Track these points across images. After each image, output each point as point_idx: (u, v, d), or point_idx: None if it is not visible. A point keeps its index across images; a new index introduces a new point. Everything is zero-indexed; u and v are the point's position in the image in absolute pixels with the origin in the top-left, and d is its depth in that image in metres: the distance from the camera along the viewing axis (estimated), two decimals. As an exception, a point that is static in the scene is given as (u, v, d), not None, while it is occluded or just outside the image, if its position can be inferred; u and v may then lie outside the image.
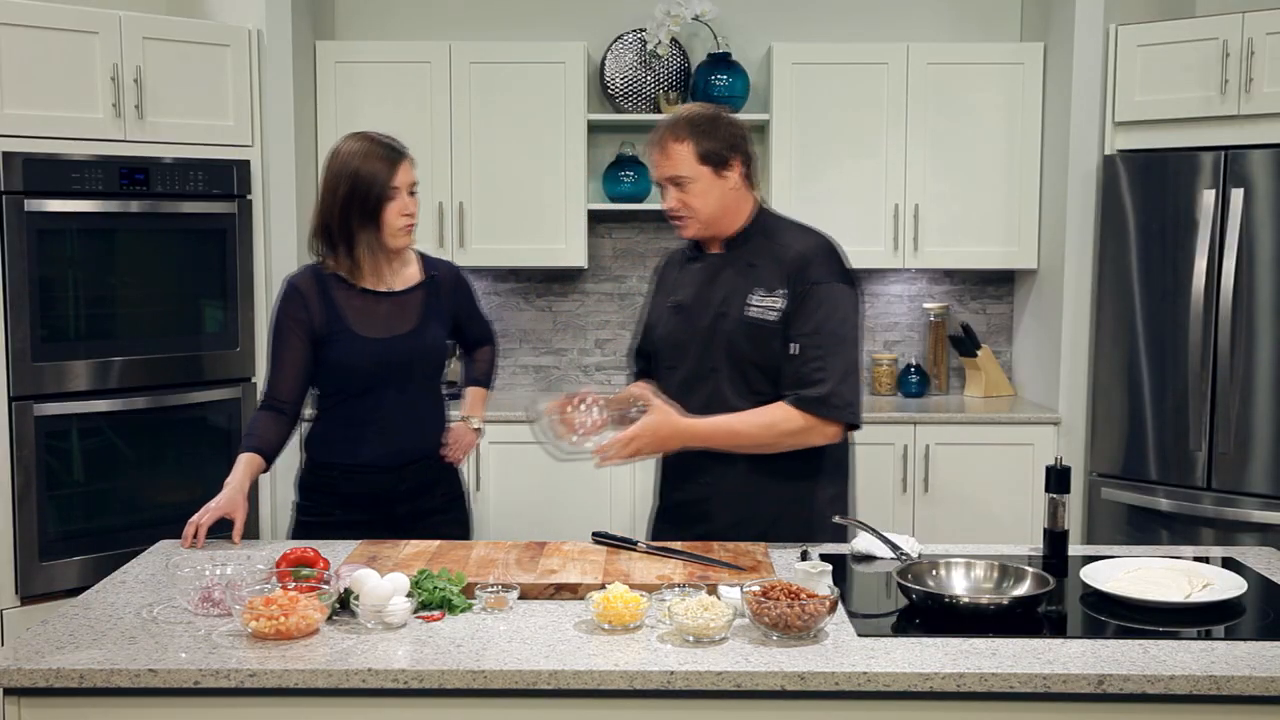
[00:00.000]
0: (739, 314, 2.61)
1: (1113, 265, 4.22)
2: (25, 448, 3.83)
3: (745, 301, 2.61)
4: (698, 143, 2.59)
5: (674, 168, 2.60)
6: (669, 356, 2.72)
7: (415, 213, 2.77)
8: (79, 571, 3.92)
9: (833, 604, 2.02)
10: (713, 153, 2.60)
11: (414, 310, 2.81)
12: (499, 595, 2.15)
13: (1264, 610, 2.23)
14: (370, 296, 2.77)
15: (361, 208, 2.69)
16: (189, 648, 1.96)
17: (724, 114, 2.66)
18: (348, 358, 2.74)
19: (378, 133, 2.79)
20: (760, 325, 2.59)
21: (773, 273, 2.62)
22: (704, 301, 2.67)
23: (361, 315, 2.76)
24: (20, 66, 3.78)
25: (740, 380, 2.61)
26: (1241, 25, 3.96)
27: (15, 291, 3.78)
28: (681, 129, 2.60)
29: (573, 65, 4.60)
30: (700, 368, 2.65)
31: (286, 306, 2.77)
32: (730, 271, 2.66)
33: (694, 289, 2.70)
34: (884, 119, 4.61)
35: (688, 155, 2.59)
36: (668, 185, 2.63)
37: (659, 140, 2.62)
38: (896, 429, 4.44)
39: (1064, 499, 2.44)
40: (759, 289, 2.61)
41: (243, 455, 2.71)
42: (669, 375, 2.70)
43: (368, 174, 2.69)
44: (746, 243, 2.68)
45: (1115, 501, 4.23)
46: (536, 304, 5.01)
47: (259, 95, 4.27)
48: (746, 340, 2.60)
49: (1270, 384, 3.91)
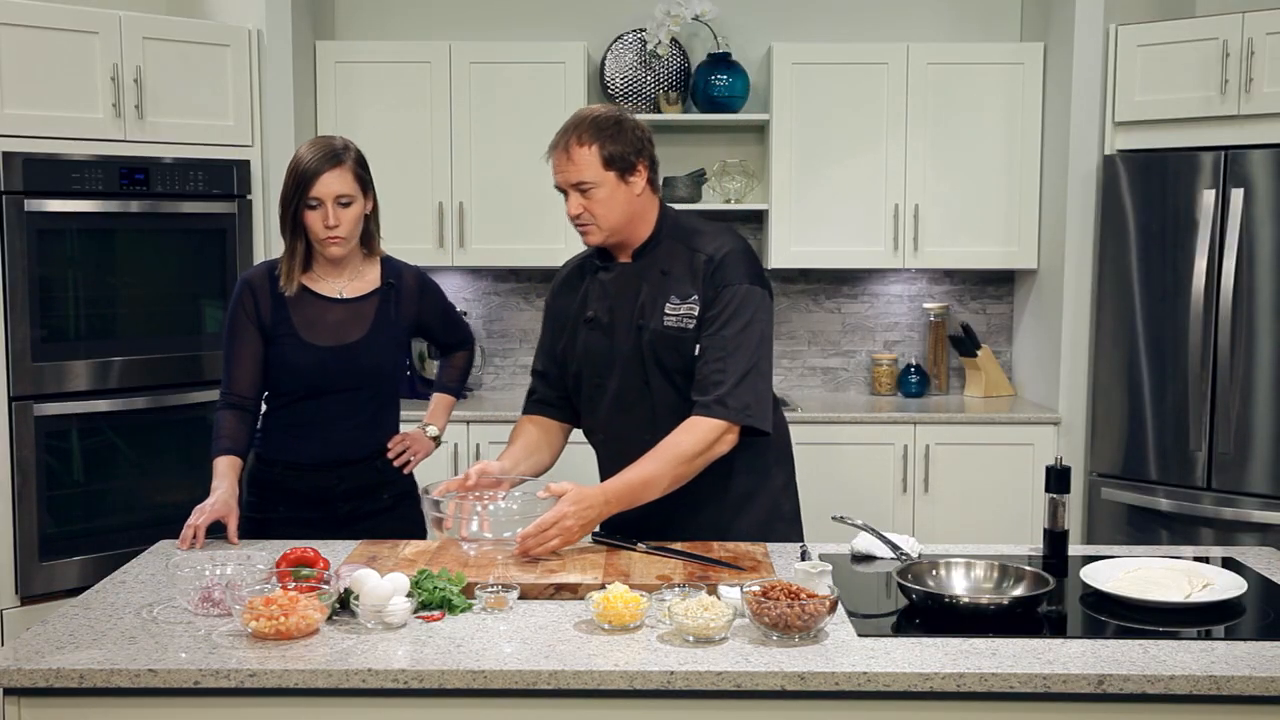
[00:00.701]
0: (658, 325, 2.54)
1: (1113, 265, 4.22)
2: (25, 448, 3.83)
3: (662, 311, 2.54)
4: (602, 146, 2.49)
5: (578, 173, 2.49)
6: (594, 374, 2.63)
7: (340, 225, 2.68)
8: (79, 571, 3.92)
9: (833, 604, 2.02)
10: (618, 156, 2.50)
11: (365, 318, 2.78)
12: (499, 595, 2.15)
13: (1264, 610, 2.23)
14: (322, 302, 2.76)
15: (287, 213, 2.71)
16: (189, 648, 1.96)
17: (628, 116, 2.56)
18: (291, 363, 2.74)
19: (329, 137, 2.75)
20: (679, 335, 2.53)
21: (685, 278, 2.55)
22: (621, 314, 2.58)
23: (309, 320, 2.75)
24: (20, 66, 3.78)
25: (673, 391, 2.55)
26: (1241, 25, 3.96)
27: (15, 291, 3.78)
28: (585, 132, 2.49)
29: (573, 65, 4.60)
30: (632, 382, 2.58)
31: (239, 304, 2.77)
32: (643, 280, 2.58)
33: (608, 301, 2.60)
34: (884, 119, 4.61)
35: (592, 160, 2.49)
36: (570, 191, 2.53)
37: (562, 144, 2.51)
38: (896, 429, 4.44)
39: (1064, 499, 2.44)
40: (673, 297, 2.54)
41: (222, 459, 2.72)
42: (597, 393, 2.63)
43: (291, 182, 2.68)
44: (656, 248, 2.60)
45: (1115, 501, 4.23)
46: (536, 304, 5.01)
47: (259, 95, 4.27)
48: (668, 351, 2.54)
49: (1270, 384, 3.91)
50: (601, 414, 2.65)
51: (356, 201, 2.72)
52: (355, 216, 2.73)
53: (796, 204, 4.62)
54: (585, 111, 2.57)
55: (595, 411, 2.66)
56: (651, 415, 2.57)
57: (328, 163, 2.67)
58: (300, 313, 2.75)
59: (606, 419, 2.65)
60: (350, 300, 2.78)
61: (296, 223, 2.71)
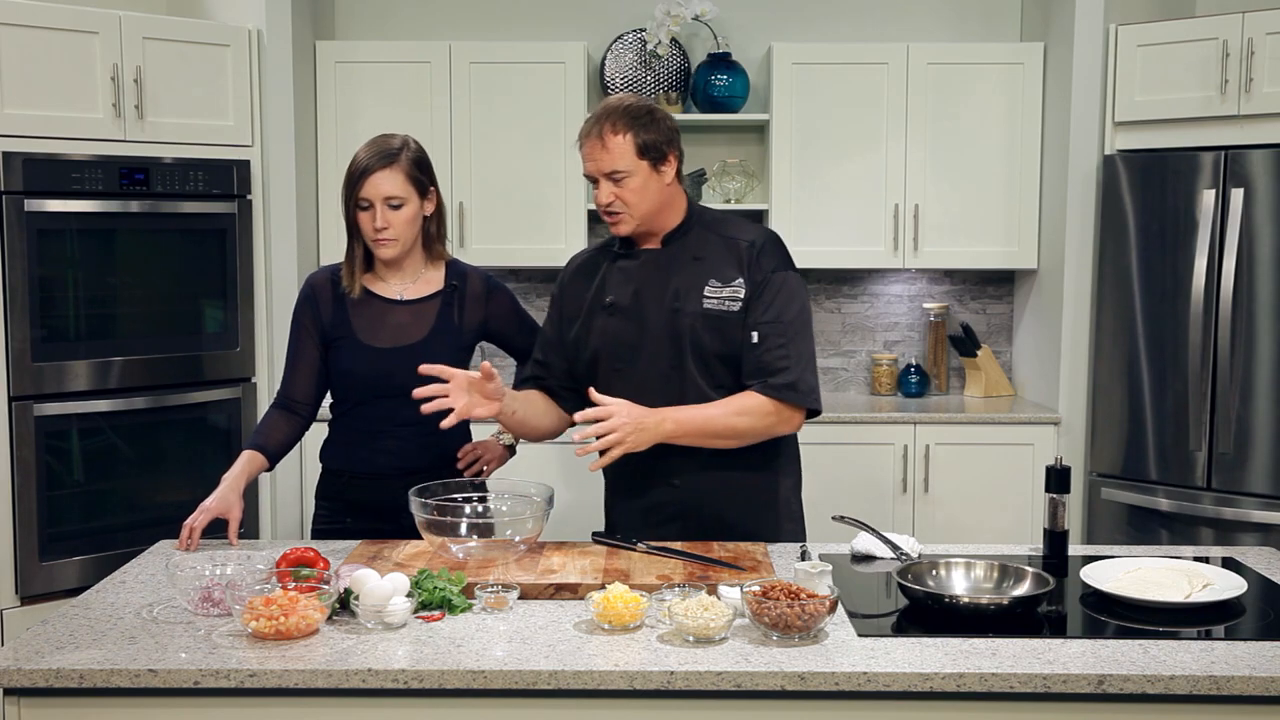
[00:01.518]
0: (697, 307, 2.56)
1: (1113, 265, 4.22)
2: (25, 448, 3.83)
3: (701, 294, 2.57)
4: (636, 135, 2.51)
5: (611, 161, 2.51)
6: (615, 358, 2.62)
7: (390, 227, 2.64)
8: (79, 571, 3.92)
9: (833, 604, 2.02)
10: (651, 145, 2.53)
11: (426, 320, 2.72)
12: (499, 595, 2.15)
13: (1264, 610, 2.23)
14: (382, 303, 2.72)
15: (345, 218, 2.69)
16: (189, 648, 1.96)
17: (658, 106, 2.59)
18: (349, 365, 2.70)
19: (388, 136, 2.71)
20: (721, 316, 2.56)
21: (725, 263, 2.58)
22: (650, 298, 2.60)
23: (369, 322, 2.70)
24: (20, 66, 3.78)
25: (706, 374, 2.57)
26: (1241, 25, 3.96)
27: (15, 291, 3.78)
28: (620, 121, 2.51)
29: (573, 65, 4.60)
30: (659, 366, 2.58)
31: (301, 307, 2.76)
32: (674, 266, 2.60)
33: (633, 286, 2.62)
34: (884, 119, 4.61)
35: (626, 149, 2.51)
36: (602, 180, 2.54)
37: (595, 132, 2.52)
38: (896, 429, 4.44)
39: (1064, 499, 2.44)
40: (712, 280, 2.57)
41: (245, 452, 2.71)
42: (616, 377, 2.61)
43: (345, 181, 2.66)
44: (686, 235, 2.63)
45: (1115, 501, 4.23)
46: (536, 304, 5.01)
47: (259, 95, 4.27)
48: (709, 332, 2.56)
49: (1270, 384, 3.91)
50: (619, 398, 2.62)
51: (409, 203, 2.66)
52: (407, 219, 2.67)
53: (796, 204, 4.62)
54: (616, 101, 2.58)
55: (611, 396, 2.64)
56: (674, 399, 2.57)
57: (379, 163, 2.64)
58: (360, 315, 2.71)
59: None
60: (411, 302, 2.73)
61: (352, 223, 2.69)
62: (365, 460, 2.73)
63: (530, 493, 2.52)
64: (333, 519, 2.78)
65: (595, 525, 2.88)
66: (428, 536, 2.41)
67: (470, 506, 2.50)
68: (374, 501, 2.73)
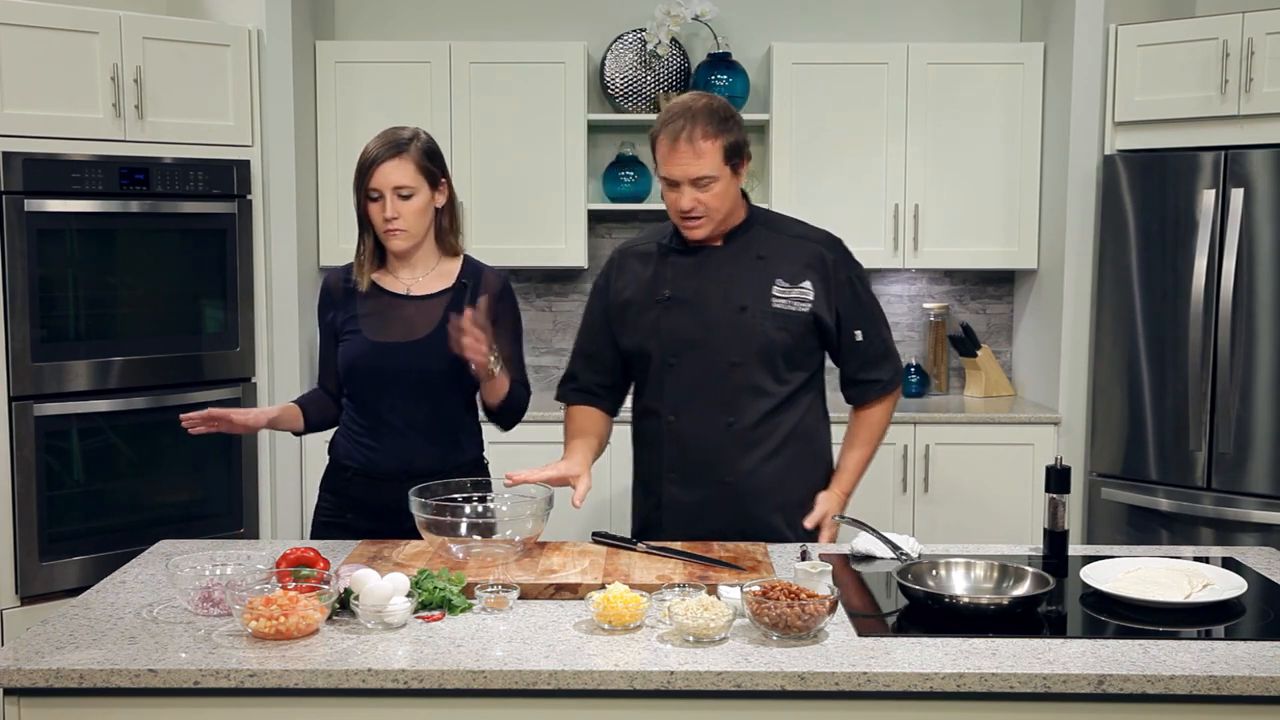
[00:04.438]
0: (765, 307, 2.59)
1: (1113, 265, 4.22)
2: (25, 448, 3.83)
3: (769, 293, 2.60)
4: (724, 138, 2.51)
5: (700, 168, 2.49)
6: (669, 352, 2.63)
7: (400, 217, 2.61)
8: (79, 571, 3.92)
9: (833, 604, 2.02)
10: (735, 149, 2.54)
11: (433, 317, 2.67)
12: (499, 595, 2.15)
13: (1264, 610, 2.23)
14: (391, 299, 2.70)
15: (356, 209, 2.68)
16: (189, 648, 1.96)
17: (730, 104, 2.60)
18: (350, 358, 2.69)
19: (398, 128, 2.68)
20: (789, 315, 2.59)
21: (791, 262, 2.62)
22: (712, 294, 2.61)
23: (376, 317, 2.69)
24: (20, 66, 3.78)
25: (767, 369, 2.59)
26: (1241, 25, 3.96)
27: (15, 291, 3.78)
28: (709, 125, 2.49)
29: (573, 65, 4.60)
30: (717, 362, 2.60)
31: (319, 305, 2.80)
32: (739, 265, 2.62)
33: (694, 282, 2.63)
34: (884, 119, 4.61)
35: (716, 154, 2.50)
36: (685, 185, 2.51)
37: (688, 137, 2.48)
38: (896, 429, 4.43)
39: (1064, 499, 2.44)
40: (779, 280, 2.61)
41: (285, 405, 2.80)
42: (669, 372, 2.63)
43: (355, 172, 2.66)
44: (748, 233, 2.65)
45: (1115, 501, 4.23)
46: (536, 304, 5.01)
47: (259, 95, 4.26)
48: (776, 329, 2.59)
49: (1270, 384, 3.91)
50: (671, 394, 2.64)
51: (419, 194, 2.64)
52: (417, 209, 2.64)
53: (796, 204, 4.61)
54: (696, 101, 2.54)
55: (663, 392, 2.65)
56: (731, 395, 2.60)
57: (388, 152, 2.62)
58: (368, 309, 2.70)
59: (679, 399, 2.63)
60: (419, 297, 2.70)
61: (363, 216, 2.68)
62: (370, 458, 2.72)
63: (530, 493, 2.51)
64: (336, 513, 2.78)
65: (595, 525, 2.89)
66: (428, 536, 2.41)
67: (470, 506, 2.50)
68: (374, 502, 2.71)
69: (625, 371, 2.76)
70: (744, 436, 2.61)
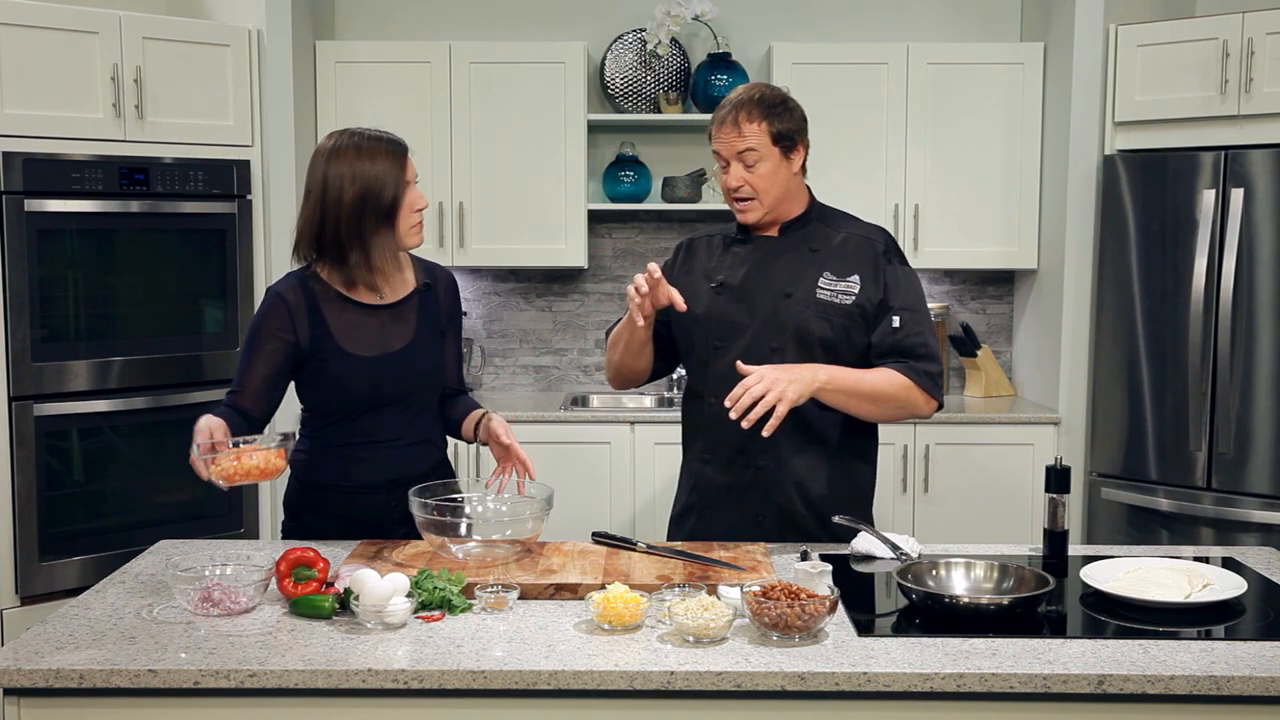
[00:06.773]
0: (809, 296, 2.61)
1: (1113, 265, 4.22)
2: (25, 448, 3.83)
3: (814, 284, 2.62)
4: (771, 123, 2.57)
5: (744, 141, 2.57)
6: (716, 337, 2.66)
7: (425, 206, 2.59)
8: (79, 571, 3.92)
9: (833, 604, 2.02)
10: (785, 134, 2.59)
11: (409, 322, 2.61)
12: (499, 595, 2.15)
13: (1264, 610, 2.23)
14: (362, 310, 2.57)
15: (376, 210, 2.49)
16: (189, 648, 1.96)
17: (790, 95, 2.65)
18: (335, 376, 2.54)
19: (365, 128, 2.58)
20: (830, 305, 2.61)
21: (844, 256, 2.64)
22: (761, 283, 2.64)
23: (351, 331, 2.55)
24: (20, 66, 3.78)
25: (804, 358, 2.59)
26: (1241, 25, 3.96)
27: (15, 291, 3.78)
28: (755, 109, 2.57)
29: (573, 65, 4.60)
30: (759, 348, 2.61)
31: (270, 319, 2.55)
32: (790, 255, 2.65)
33: (746, 270, 2.66)
34: (884, 119, 4.61)
35: (761, 133, 2.57)
36: (733, 162, 2.59)
37: (730, 118, 2.58)
38: (896, 429, 4.44)
39: (1064, 499, 2.44)
40: (827, 272, 2.63)
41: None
42: (715, 355, 2.66)
43: (380, 173, 2.49)
44: (805, 226, 2.69)
45: (1115, 501, 4.23)
46: (536, 304, 5.01)
47: (259, 95, 4.27)
48: (819, 321, 2.60)
49: (1270, 384, 3.91)
50: (714, 378, 2.65)
51: None
52: None
53: (796, 204, 4.62)
54: (751, 89, 2.63)
55: (706, 375, 2.68)
56: None
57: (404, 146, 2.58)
58: (342, 324, 2.55)
59: (721, 383, 2.61)
60: (392, 305, 2.60)
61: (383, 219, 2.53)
62: (348, 473, 2.61)
63: (530, 493, 2.51)
64: (308, 534, 2.64)
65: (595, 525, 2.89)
66: (428, 536, 2.41)
67: (470, 507, 2.49)
68: (356, 515, 2.62)
69: (671, 354, 2.80)
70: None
